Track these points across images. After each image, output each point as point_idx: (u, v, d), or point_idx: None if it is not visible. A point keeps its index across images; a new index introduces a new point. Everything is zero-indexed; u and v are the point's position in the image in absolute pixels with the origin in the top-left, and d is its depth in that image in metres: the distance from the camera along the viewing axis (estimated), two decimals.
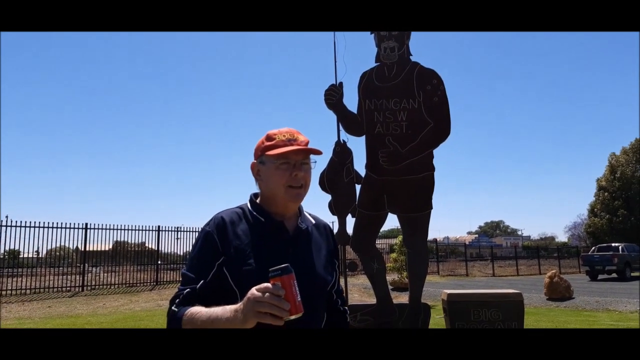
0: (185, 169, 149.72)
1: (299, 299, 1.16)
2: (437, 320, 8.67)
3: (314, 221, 1.56)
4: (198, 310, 1.29)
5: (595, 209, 37.95)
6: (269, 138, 1.45)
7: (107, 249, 17.98)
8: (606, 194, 37.04)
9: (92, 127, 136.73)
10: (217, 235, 1.39)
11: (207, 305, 1.30)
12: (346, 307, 1.64)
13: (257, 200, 1.49)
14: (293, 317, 1.15)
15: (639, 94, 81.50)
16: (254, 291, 1.16)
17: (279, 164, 1.41)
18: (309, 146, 1.45)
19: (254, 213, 1.45)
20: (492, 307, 7.13)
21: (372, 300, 8.12)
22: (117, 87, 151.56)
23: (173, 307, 1.35)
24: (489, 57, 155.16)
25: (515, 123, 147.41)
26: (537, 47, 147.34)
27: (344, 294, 1.68)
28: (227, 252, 1.37)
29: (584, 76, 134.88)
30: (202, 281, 1.36)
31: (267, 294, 1.14)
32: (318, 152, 1.44)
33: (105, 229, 16.16)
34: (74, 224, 15.59)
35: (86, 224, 15.79)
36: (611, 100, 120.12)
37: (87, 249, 16.35)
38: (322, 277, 1.47)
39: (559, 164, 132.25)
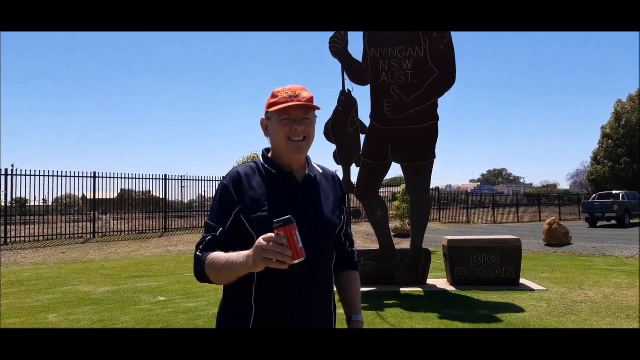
0: (192, 118, 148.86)
1: (301, 246, 1.31)
2: (438, 264, 8.99)
3: (321, 171, 1.72)
4: (217, 255, 1.46)
5: (599, 157, 37.89)
6: (273, 96, 1.58)
7: (113, 197, 18.28)
8: (610, 141, 36.84)
9: (99, 75, 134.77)
10: (232, 187, 1.55)
11: (229, 248, 1.50)
12: (354, 249, 1.80)
13: (269, 155, 1.66)
14: (296, 261, 1.30)
15: None
16: (260, 240, 1.31)
17: (281, 119, 1.55)
18: (314, 102, 1.59)
19: (266, 166, 1.61)
20: (490, 252, 7.40)
21: (375, 246, 8.40)
22: (124, 33, 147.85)
23: (198, 253, 1.52)
24: None
25: (521, 71, 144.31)
26: None
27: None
28: (242, 202, 1.53)
29: None
30: (221, 229, 1.53)
31: (271, 242, 1.29)
32: (316, 108, 1.57)
33: (114, 177, 16.45)
34: (83, 172, 15.87)
35: (94, 173, 16.05)
36: (619, 45, 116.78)
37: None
38: (330, 220, 1.61)
39: (564, 112, 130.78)
